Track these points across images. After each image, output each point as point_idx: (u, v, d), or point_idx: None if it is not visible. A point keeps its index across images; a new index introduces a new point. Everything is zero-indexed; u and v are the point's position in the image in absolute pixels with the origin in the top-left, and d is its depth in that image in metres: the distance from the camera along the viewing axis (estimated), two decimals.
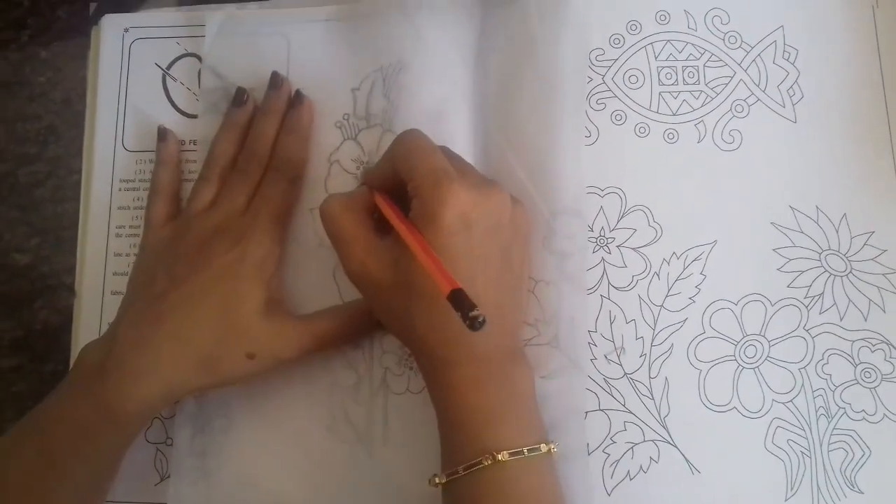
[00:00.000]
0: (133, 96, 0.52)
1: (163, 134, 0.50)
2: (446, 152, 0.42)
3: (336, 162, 0.49)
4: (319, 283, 0.47)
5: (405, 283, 0.39)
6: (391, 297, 0.40)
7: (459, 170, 0.40)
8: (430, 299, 0.38)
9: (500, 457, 0.37)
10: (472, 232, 0.39)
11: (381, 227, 0.42)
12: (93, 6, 0.53)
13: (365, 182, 0.45)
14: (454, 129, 0.47)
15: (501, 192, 0.41)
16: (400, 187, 0.41)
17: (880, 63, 0.48)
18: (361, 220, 0.42)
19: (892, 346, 0.45)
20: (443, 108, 0.48)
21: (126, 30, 0.52)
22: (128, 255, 0.50)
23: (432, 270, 0.36)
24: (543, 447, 0.39)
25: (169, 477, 0.46)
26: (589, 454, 0.44)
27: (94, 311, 0.49)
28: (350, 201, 0.42)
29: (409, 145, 0.41)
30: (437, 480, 0.39)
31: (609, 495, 0.44)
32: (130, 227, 0.50)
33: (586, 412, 0.45)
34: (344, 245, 0.41)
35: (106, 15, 0.52)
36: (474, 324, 0.34)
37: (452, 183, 0.38)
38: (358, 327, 0.46)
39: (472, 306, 0.34)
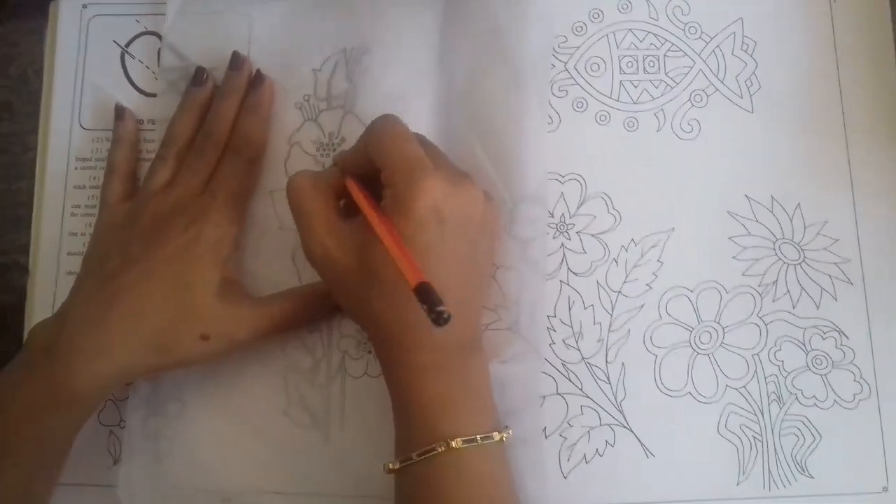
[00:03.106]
0: (91, 74, 0.51)
1: (120, 112, 0.49)
2: (421, 141, 0.42)
3: (296, 143, 0.49)
4: (278, 265, 0.47)
5: (368, 270, 0.39)
6: (352, 281, 0.40)
7: (434, 161, 0.40)
8: (392, 287, 0.38)
9: (453, 443, 0.38)
10: (443, 225, 0.39)
11: (348, 211, 0.42)
12: None
13: (337, 164, 0.44)
14: (416, 113, 0.47)
15: (475, 187, 0.41)
16: (372, 173, 0.41)
17: (836, 56, 0.49)
18: (327, 200, 0.42)
19: (843, 334, 0.46)
20: (405, 91, 0.48)
21: (84, 6, 0.52)
22: (83, 234, 0.49)
23: (401, 261, 0.36)
24: (496, 435, 0.39)
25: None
26: (546, 437, 0.45)
27: (47, 291, 0.48)
28: (318, 180, 0.42)
29: (383, 132, 0.41)
30: (390, 466, 0.40)
31: (565, 478, 0.45)
32: (86, 206, 0.49)
33: (544, 396, 0.45)
34: (307, 222, 0.41)
35: None
36: (439, 319, 0.33)
37: (427, 175, 0.38)
38: (315, 310, 0.46)
39: (439, 301, 0.34)
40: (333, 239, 0.40)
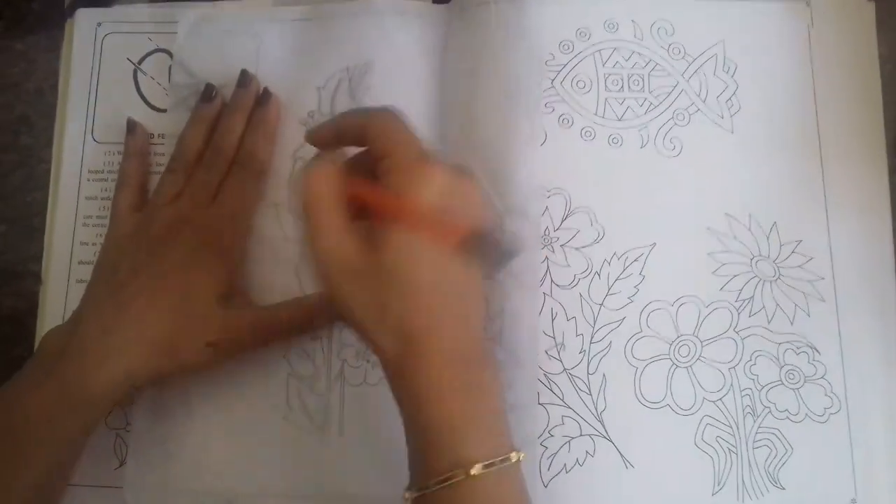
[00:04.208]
0: (104, 89, 0.53)
1: (131, 126, 0.51)
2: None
3: (301, 158, 0.50)
4: (282, 276, 0.48)
5: (381, 268, 0.36)
6: (361, 282, 0.37)
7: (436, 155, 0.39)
8: (415, 287, 0.36)
9: (473, 471, 0.35)
10: (447, 213, 0.37)
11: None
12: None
13: (315, 142, 0.41)
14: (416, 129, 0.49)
15: (474, 179, 0.39)
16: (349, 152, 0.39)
17: (813, 80, 0.50)
18: (342, 195, 0.38)
19: (816, 350, 0.47)
20: (406, 108, 0.46)
21: (99, 24, 0.53)
22: (94, 244, 0.50)
23: (436, 224, 0.36)
24: (514, 456, 0.37)
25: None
26: (527, 447, 0.45)
27: (59, 299, 0.50)
28: (336, 170, 0.38)
29: (388, 124, 0.39)
30: (407, 496, 0.37)
31: (546, 487, 0.45)
32: (97, 216, 0.51)
33: (525, 406, 0.46)
34: (325, 214, 0.37)
35: (80, 9, 0.54)
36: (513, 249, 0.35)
37: (431, 163, 0.37)
38: (317, 319, 0.47)
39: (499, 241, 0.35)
40: (348, 234, 0.37)
